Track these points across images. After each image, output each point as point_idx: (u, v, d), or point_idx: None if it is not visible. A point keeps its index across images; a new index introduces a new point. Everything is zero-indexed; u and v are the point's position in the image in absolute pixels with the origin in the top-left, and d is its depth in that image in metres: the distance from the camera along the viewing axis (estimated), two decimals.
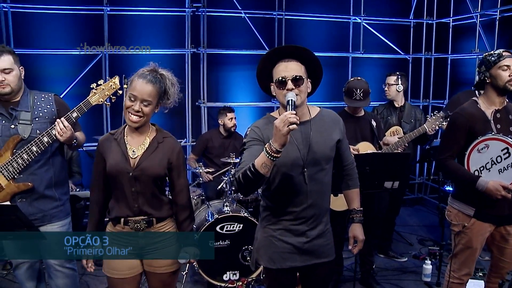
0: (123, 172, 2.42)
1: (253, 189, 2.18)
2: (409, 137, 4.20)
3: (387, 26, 6.93)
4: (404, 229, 5.73)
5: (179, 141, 6.15)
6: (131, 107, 2.37)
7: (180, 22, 6.04)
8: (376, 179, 3.49)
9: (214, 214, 4.19)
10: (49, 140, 2.83)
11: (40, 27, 5.56)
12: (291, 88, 2.18)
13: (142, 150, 2.47)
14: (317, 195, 2.35)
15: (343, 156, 2.54)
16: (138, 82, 2.39)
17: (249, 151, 2.26)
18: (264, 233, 2.45)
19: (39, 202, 2.93)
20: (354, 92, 3.85)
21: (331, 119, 2.44)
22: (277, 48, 2.33)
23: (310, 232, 2.39)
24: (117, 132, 2.52)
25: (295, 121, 1.93)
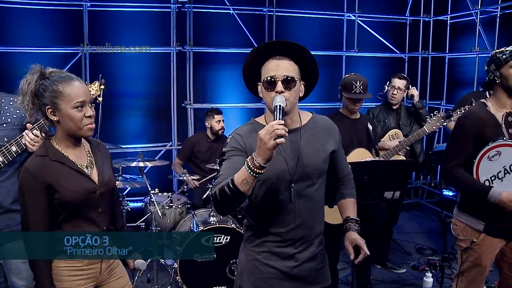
0: (90, 193, 2.10)
1: (231, 207, 1.87)
2: (408, 141, 3.98)
3: (383, 23, 6.72)
4: (401, 236, 5.49)
5: (164, 144, 6.01)
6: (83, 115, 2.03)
7: (165, 19, 5.81)
8: (375, 189, 3.22)
9: (199, 225, 3.90)
10: (18, 150, 2.53)
11: (15, 23, 5.28)
12: (280, 91, 1.89)
13: (93, 164, 2.19)
14: (306, 214, 2.04)
15: (338, 169, 2.26)
16: (75, 85, 2.03)
17: (229, 162, 1.95)
18: (247, 256, 2.14)
19: (5, 217, 2.65)
20: (353, 85, 3.56)
21: (325, 127, 2.13)
22: (269, 42, 2.01)
23: (299, 255, 2.08)
24: (50, 152, 2.06)
25: (283, 133, 1.65)
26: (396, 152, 3.93)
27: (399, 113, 4.45)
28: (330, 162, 2.14)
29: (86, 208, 2.10)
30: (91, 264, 2.16)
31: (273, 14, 6.04)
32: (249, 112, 6.23)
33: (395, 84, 4.34)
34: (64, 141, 2.09)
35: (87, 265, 2.15)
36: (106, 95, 5.27)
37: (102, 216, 2.17)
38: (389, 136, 4.30)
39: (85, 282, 2.15)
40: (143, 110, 5.99)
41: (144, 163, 4.22)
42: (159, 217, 4.20)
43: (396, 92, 4.34)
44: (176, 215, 4.43)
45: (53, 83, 1.99)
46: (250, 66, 2.04)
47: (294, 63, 1.97)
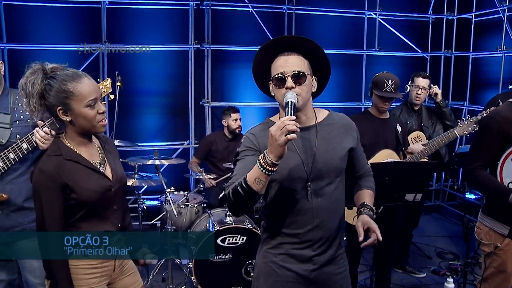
0: (106, 191, 2.07)
1: (245, 208, 1.82)
2: (437, 144, 3.81)
3: (404, 22, 6.57)
4: (421, 239, 5.37)
5: (181, 143, 5.98)
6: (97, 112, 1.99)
7: (183, 16, 5.77)
8: (396, 191, 3.11)
9: (215, 224, 3.85)
10: (29, 147, 2.53)
11: (34, 21, 5.33)
12: (290, 87, 1.83)
13: (104, 160, 2.16)
14: (325, 214, 1.97)
15: (356, 166, 2.19)
16: (85, 83, 1.96)
17: (243, 162, 1.92)
18: (263, 258, 2.08)
19: (17, 214, 2.64)
20: (385, 83, 3.46)
21: (342, 124, 2.07)
22: (275, 39, 1.94)
23: (318, 257, 2.01)
24: (63, 151, 2.01)
25: (294, 129, 1.61)
26: (423, 156, 3.81)
27: (421, 114, 4.30)
28: (348, 160, 2.08)
29: (102, 206, 2.08)
30: (105, 262, 2.13)
31: (293, 12, 5.96)
32: (267, 111, 6.15)
33: (419, 83, 4.19)
34: (76, 139, 2.05)
35: (101, 263, 2.12)
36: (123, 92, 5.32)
37: (117, 213, 2.14)
38: (411, 138, 4.15)
39: (99, 280, 2.12)
40: (161, 108, 5.98)
41: (160, 161, 4.18)
42: (174, 216, 4.16)
43: (421, 92, 4.19)
44: (192, 214, 4.38)
45: (61, 83, 1.92)
46: (259, 66, 1.99)
47: (304, 57, 1.92)
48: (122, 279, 2.27)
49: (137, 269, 2.37)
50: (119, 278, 2.26)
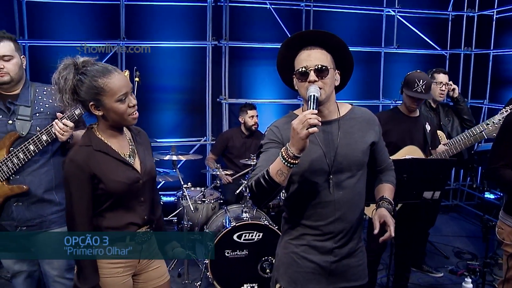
0: (133, 183, 2.09)
1: (267, 199, 1.88)
2: (463, 145, 3.69)
3: (423, 19, 6.49)
4: (439, 239, 5.30)
5: (198, 139, 6.00)
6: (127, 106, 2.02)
7: (201, 13, 5.77)
8: (414, 188, 3.08)
9: (232, 221, 3.85)
10: (48, 139, 2.57)
11: (54, 18, 5.41)
12: (313, 80, 1.86)
13: (135, 153, 2.18)
14: (346, 206, 1.99)
15: (378, 160, 2.20)
16: (115, 78, 1.98)
17: (266, 154, 1.96)
18: (284, 249, 2.11)
19: (37, 206, 2.67)
20: (416, 83, 3.42)
21: (365, 119, 2.08)
22: (298, 33, 1.97)
23: (339, 250, 2.03)
24: (94, 142, 2.05)
25: (315, 123, 1.65)
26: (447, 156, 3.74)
27: (438, 112, 4.24)
28: (370, 154, 2.09)
29: (129, 197, 2.10)
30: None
31: (311, 9, 5.93)
32: (285, 108, 6.13)
33: (442, 79, 4.12)
34: (107, 131, 2.08)
35: (127, 253, 2.15)
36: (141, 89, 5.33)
37: (144, 205, 2.16)
38: None
39: (123, 270, 2.15)
40: (178, 104, 6.00)
41: (178, 156, 4.20)
42: (191, 212, 4.18)
43: (445, 88, 4.13)
44: (208, 210, 4.40)
45: (92, 79, 1.94)
46: (283, 59, 2.02)
47: (327, 52, 1.93)
48: (148, 272, 2.29)
49: (164, 263, 2.37)
50: (144, 271, 2.28)
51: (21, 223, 2.65)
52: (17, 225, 2.64)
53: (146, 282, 2.28)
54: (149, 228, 2.22)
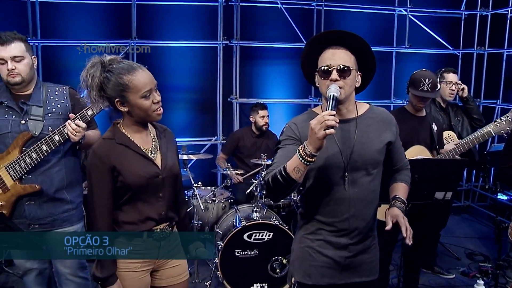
0: (152, 178, 2.12)
1: (283, 195, 1.94)
2: (470, 143, 3.66)
3: (436, 18, 6.44)
4: (450, 240, 5.25)
5: (209, 139, 6.01)
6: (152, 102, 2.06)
7: (212, 12, 5.76)
8: (425, 188, 3.06)
9: (242, 220, 3.85)
10: (61, 139, 2.60)
11: (66, 18, 5.44)
12: (335, 79, 1.91)
13: (158, 149, 2.20)
14: (361, 204, 2.05)
15: (394, 159, 2.25)
16: (140, 75, 2.03)
17: (283, 151, 2.02)
18: (300, 243, 2.17)
19: (49, 205, 2.71)
20: (421, 82, 3.40)
21: (382, 119, 2.13)
22: (325, 32, 2.04)
23: (354, 246, 2.09)
24: (117, 136, 2.11)
25: (333, 124, 1.70)
26: (455, 155, 3.72)
27: (448, 112, 4.20)
28: (386, 153, 2.14)
29: (147, 192, 2.12)
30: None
31: (322, 9, 5.90)
32: (295, 108, 6.12)
33: (452, 79, 4.09)
34: (132, 126, 2.13)
35: (144, 249, 2.17)
36: None
37: (162, 201, 2.18)
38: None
39: (141, 265, 2.18)
40: (189, 104, 6.01)
41: (188, 156, 4.21)
42: (201, 211, 4.18)
43: (454, 88, 4.10)
44: (219, 209, 4.40)
45: (118, 76, 2.00)
46: (308, 56, 2.06)
47: (351, 53, 1.98)
48: (166, 269, 2.30)
49: (185, 262, 2.38)
50: (163, 268, 2.29)
51: (34, 221, 2.68)
52: (30, 223, 2.67)
53: (163, 279, 2.30)
54: (168, 226, 2.23)
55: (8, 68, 2.57)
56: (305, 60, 2.09)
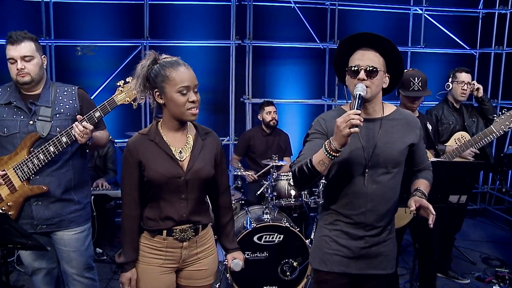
0: (174, 177, 2.13)
1: (308, 185, 2.07)
2: (473, 142, 3.69)
3: (452, 17, 6.32)
4: (465, 244, 5.16)
5: (221, 139, 5.96)
6: (187, 100, 2.07)
7: (224, 12, 5.74)
8: (439, 191, 2.98)
9: (252, 222, 3.81)
10: (68, 141, 2.60)
11: (79, 18, 5.47)
12: (362, 79, 2.01)
13: (189, 150, 2.19)
14: (378, 199, 2.14)
15: (416, 161, 2.34)
16: (181, 71, 2.09)
17: (310, 144, 2.14)
18: (319, 233, 2.32)
19: (56, 205, 2.71)
20: (411, 82, 3.35)
21: (407, 121, 2.22)
22: (357, 34, 2.11)
23: (370, 238, 2.19)
24: (151, 132, 2.18)
25: (357, 123, 1.79)
26: (458, 154, 3.66)
27: (462, 113, 4.10)
28: (409, 154, 2.23)
29: (169, 191, 2.15)
30: (170, 247, 2.22)
31: (336, 8, 5.84)
32: (309, 109, 6.08)
33: (464, 78, 3.99)
34: (168, 123, 2.16)
35: (166, 247, 2.22)
36: None
37: (184, 203, 2.17)
38: (454, 139, 3.97)
39: (164, 262, 2.23)
40: (202, 104, 5.72)
41: None
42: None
43: (466, 87, 4.00)
44: None
45: (162, 68, 2.07)
46: (340, 56, 2.16)
47: (380, 55, 2.07)
48: (190, 271, 2.31)
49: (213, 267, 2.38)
50: (187, 268, 2.30)
51: (41, 222, 2.69)
52: (37, 223, 2.68)
53: (186, 279, 2.32)
54: (191, 228, 2.22)
55: (18, 68, 2.57)
56: (337, 59, 2.18)
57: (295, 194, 4.40)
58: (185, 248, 2.24)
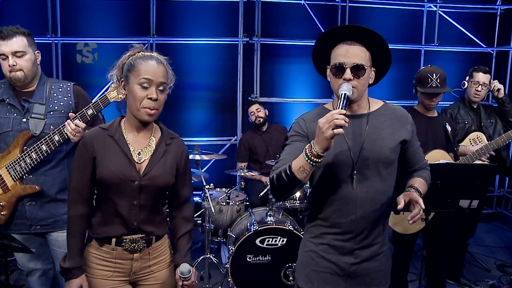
0: (127, 180, 1.97)
1: (287, 194, 1.88)
2: (495, 144, 3.52)
3: (468, 14, 6.12)
4: (479, 250, 4.98)
5: (228, 139, 5.89)
6: (146, 96, 1.92)
7: (232, 9, 5.64)
8: (449, 196, 2.83)
9: (255, 224, 3.70)
10: (60, 139, 2.53)
11: (86, 15, 5.44)
12: (348, 79, 1.82)
13: (149, 154, 2.03)
14: (369, 205, 1.93)
15: (411, 161, 2.11)
16: (148, 64, 1.92)
17: (290, 148, 1.94)
18: (304, 247, 2.10)
19: (51, 206, 2.65)
20: (429, 78, 3.22)
21: (396, 116, 2.01)
22: (341, 26, 1.90)
23: (360, 251, 1.97)
24: (112, 128, 2.03)
25: (342, 124, 1.61)
26: (478, 157, 3.50)
27: (479, 113, 3.94)
28: (402, 154, 2.02)
29: (121, 195, 1.99)
30: (119, 258, 2.05)
31: (346, 5, 5.72)
32: None
33: (479, 79, 3.83)
34: (130, 120, 2.03)
35: (114, 258, 2.05)
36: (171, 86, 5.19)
37: (136, 210, 2.01)
38: (469, 140, 3.81)
39: (113, 274, 2.07)
40: (209, 102, 5.90)
41: (201, 156, 4.08)
42: (213, 214, 4.04)
43: (481, 89, 3.83)
44: (233, 212, 4.26)
45: (134, 59, 1.95)
46: (320, 48, 1.96)
47: (366, 49, 1.88)
48: (146, 285, 2.14)
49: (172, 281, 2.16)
50: (142, 283, 2.14)
51: (35, 222, 2.64)
52: (31, 224, 2.63)
53: None
54: (142, 239, 2.05)
55: (9, 64, 2.51)
56: (317, 52, 1.98)
57: (300, 195, 4.28)
58: (136, 260, 2.07)
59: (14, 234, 2.68)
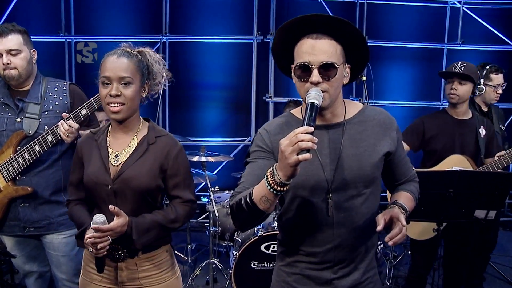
0: (101, 184, 1.89)
1: (250, 225, 1.59)
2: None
3: (493, 11, 5.89)
4: (502, 260, 4.71)
5: (242, 139, 5.78)
6: (107, 93, 1.83)
7: (246, 7, 5.57)
8: (463, 205, 2.66)
9: (260, 229, 3.58)
10: (54, 140, 2.46)
11: (99, 13, 5.48)
12: (316, 82, 1.47)
13: (127, 155, 1.92)
14: (349, 232, 1.62)
15: (397, 174, 1.78)
16: (108, 60, 1.85)
17: (251, 167, 1.62)
18: (276, 276, 1.78)
19: (45, 207, 2.60)
20: (454, 66, 3.09)
21: (379, 122, 1.66)
22: (300, 17, 1.53)
23: (339, 281, 1.66)
24: (99, 131, 2.00)
25: (309, 147, 1.27)
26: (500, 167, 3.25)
27: (491, 117, 3.66)
28: (386, 166, 1.69)
29: (100, 199, 1.93)
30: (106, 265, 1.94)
31: (365, 2, 5.58)
32: None
33: (500, 81, 3.56)
34: (112, 121, 1.97)
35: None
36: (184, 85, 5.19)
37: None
38: None
39: (102, 280, 2.01)
40: (222, 102, 5.85)
41: (207, 157, 3.98)
42: (222, 216, 3.93)
43: (493, 91, 3.57)
44: None
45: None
46: (281, 45, 1.61)
47: (336, 42, 1.54)
48: None
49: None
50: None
51: (28, 224, 2.60)
52: (25, 226, 2.59)
53: None
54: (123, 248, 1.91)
55: (3, 62, 2.46)
56: (277, 49, 1.65)
57: None
58: (122, 269, 1.95)
59: (8, 236, 2.67)
